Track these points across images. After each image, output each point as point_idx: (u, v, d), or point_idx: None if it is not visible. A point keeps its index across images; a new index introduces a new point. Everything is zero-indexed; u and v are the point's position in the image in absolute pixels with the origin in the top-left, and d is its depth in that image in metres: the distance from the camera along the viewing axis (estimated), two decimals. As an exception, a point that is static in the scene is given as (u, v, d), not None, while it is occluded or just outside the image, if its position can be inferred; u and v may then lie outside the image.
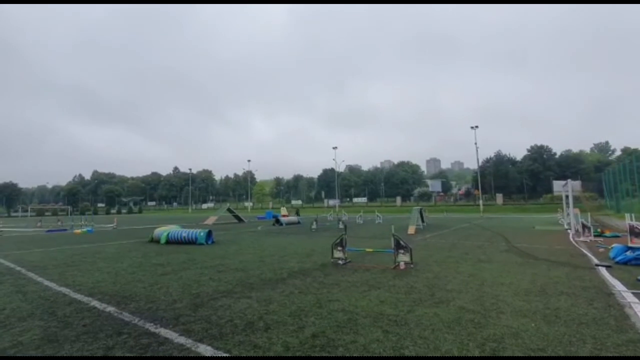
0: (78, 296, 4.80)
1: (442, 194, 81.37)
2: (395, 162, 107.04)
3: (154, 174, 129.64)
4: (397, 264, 6.45)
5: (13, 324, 3.67)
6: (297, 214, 22.00)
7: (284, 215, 23.13)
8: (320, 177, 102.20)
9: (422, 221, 18.02)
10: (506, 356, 2.47)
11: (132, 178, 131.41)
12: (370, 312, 3.83)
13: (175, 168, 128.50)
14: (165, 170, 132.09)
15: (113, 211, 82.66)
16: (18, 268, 7.17)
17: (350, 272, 6.18)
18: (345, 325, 3.45)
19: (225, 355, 2.82)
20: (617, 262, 6.70)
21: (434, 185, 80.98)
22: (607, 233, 12.29)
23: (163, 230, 12.14)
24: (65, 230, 20.07)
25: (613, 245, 7.90)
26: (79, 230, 18.44)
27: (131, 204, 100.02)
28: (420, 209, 18.24)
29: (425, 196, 78.85)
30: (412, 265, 6.43)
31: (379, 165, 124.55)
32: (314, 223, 17.95)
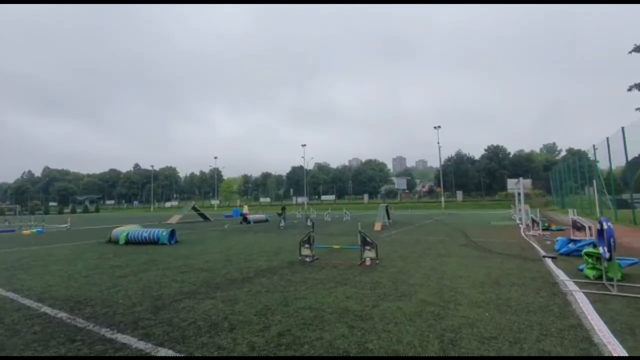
0: (27, 302, 4.46)
1: (407, 191, 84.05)
2: (363, 160, 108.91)
3: (113, 170, 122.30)
4: (363, 260, 6.59)
5: (-53, 335, 3.33)
6: (283, 211, 21.40)
7: (245, 214, 22.69)
8: (289, 174, 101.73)
9: (388, 218, 18.52)
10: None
11: (89, 175, 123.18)
12: (336, 308, 3.89)
13: (136, 165, 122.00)
14: (125, 167, 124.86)
15: (67, 210, 77.10)
16: (-47, 274, 6.50)
17: (317, 269, 6.23)
18: (312, 322, 3.48)
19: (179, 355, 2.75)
20: (561, 254, 7.30)
21: (400, 183, 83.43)
22: (553, 227, 13.34)
23: (122, 230, 11.53)
24: (13, 231, 18.46)
25: (558, 238, 8.58)
26: (28, 231, 17.05)
27: (87, 203, 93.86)
28: (387, 206, 18.73)
29: (392, 193, 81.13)
30: (377, 261, 6.60)
31: (347, 163, 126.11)
32: (282, 221, 17.86)
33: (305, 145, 65.04)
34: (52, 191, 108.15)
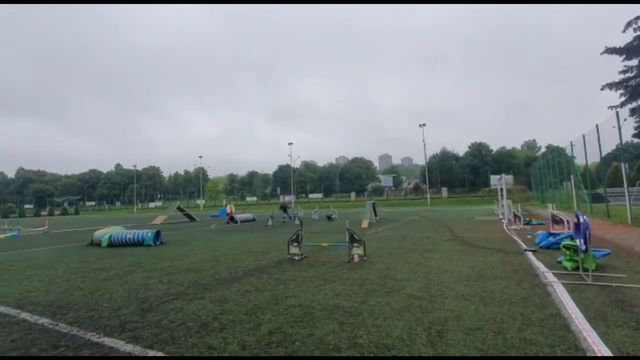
0: (3, 309, 4.29)
1: (393, 188, 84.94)
2: (350, 158, 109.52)
3: (93, 171, 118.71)
4: (351, 257, 6.65)
5: None
6: (285, 210, 20.82)
7: (229, 213, 22.18)
8: (275, 173, 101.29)
9: (375, 215, 18.71)
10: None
11: (67, 176, 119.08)
12: (326, 306, 3.93)
13: (118, 165, 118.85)
14: (106, 167, 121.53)
15: (44, 213, 74.40)
16: None
17: (306, 267, 6.25)
18: (302, 319, 3.50)
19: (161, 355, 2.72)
20: (541, 247, 7.55)
21: (386, 181, 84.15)
22: (534, 221, 13.76)
23: (104, 232, 11.24)
24: (-15, 236, 17.71)
25: (538, 232, 8.88)
26: (1, 235, 16.39)
27: (66, 205, 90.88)
28: (373, 204, 18.91)
29: (378, 191, 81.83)
30: (365, 258, 6.67)
31: (334, 162, 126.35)
32: (270, 220, 17.79)
33: (292, 143, 64.85)
34: (27, 193, 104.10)
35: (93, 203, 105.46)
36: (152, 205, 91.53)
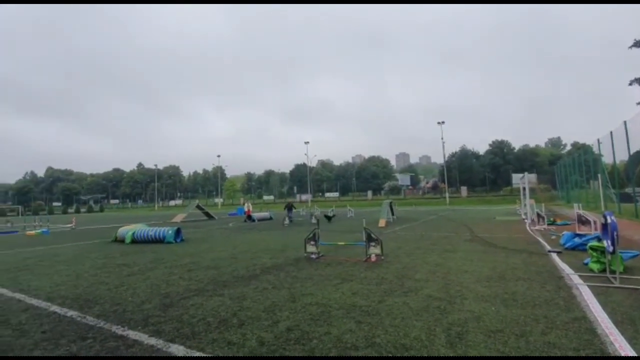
0: (35, 302, 4.51)
1: (411, 187, 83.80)
2: (366, 157, 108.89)
3: (116, 170, 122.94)
4: (368, 256, 6.62)
5: (-40, 334, 3.37)
6: (290, 210, 19.98)
7: (247, 212, 22.36)
8: (292, 172, 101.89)
9: (392, 214, 18.54)
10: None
11: (92, 175, 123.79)
12: (343, 304, 3.93)
13: (140, 164, 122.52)
14: (128, 166, 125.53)
15: (71, 210, 77.59)
16: (-37, 274, 6.58)
17: (323, 265, 6.27)
18: (319, 317, 3.51)
19: (202, 355, 2.79)
20: (566, 248, 7.29)
21: (403, 179, 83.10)
22: (559, 221, 13.29)
23: (128, 229, 11.62)
24: (16, 232, 18.65)
25: (563, 233, 8.57)
26: (32, 232, 17.20)
27: (91, 203, 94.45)
28: (390, 203, 18.74)
29: (395, 190, 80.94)
30: (382, 257, 6.63)
31: (350, 160, 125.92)
32: (286, 218, 17.91)
33: (308, 142, 64.98)
34: (55, 191, 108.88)
35: (117, 201, 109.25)
36: (172, 203, 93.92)
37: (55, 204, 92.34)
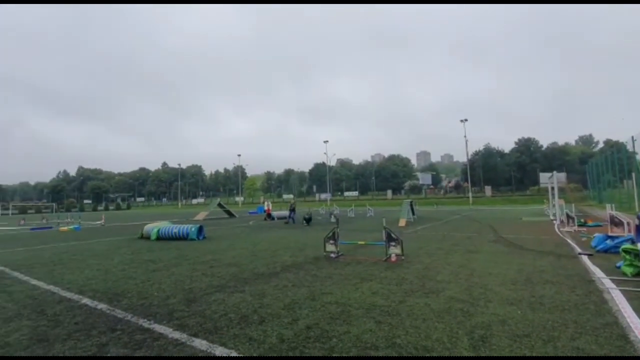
0: (68, 294, 4.75)
1: (432, 186, 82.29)
2: (386, 156, 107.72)
3: (142, 169, 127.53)
4: (388, 256, 6.56)
5: (-1, 324, 3.60)
6: (292, 210, 19.65)
7: (267, 210, 22.52)
8: (311, 171, 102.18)
9: (413, 214, 18.25)
10: (497, 356, 2.55)
11: (120, 174, 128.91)
12: (362, 304, 3.91)
13: (164, 163, 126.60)
14: (153, 165, 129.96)
15: (100, 208, 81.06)
16: (1, 268, 7.02)
17: (342, 265, 6.26)
18: (339, 316, 3.51)
19: (237, 355, 2.85)
20: (597, 251, 6.95)
21: (424, 178, 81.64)
22: (590, 223, 12.69)
23: (153, 227, 12.02)
24: (51, 227, 19.68)
25: (595, 235, 8.17)
26: (65, 228, 18.10)
27: (119, 200, 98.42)
28: (411, 202, 18.46)
29: (416, 189, 79.68)
30: (403, 257, 6.54)
31: (369, 159, 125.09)
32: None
33: (327, 141, 65.02)
34: (86, 189, 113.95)
35: (142, 199, 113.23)
36: (194, 201, 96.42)
37: (86, 201, 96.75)
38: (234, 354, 2.74)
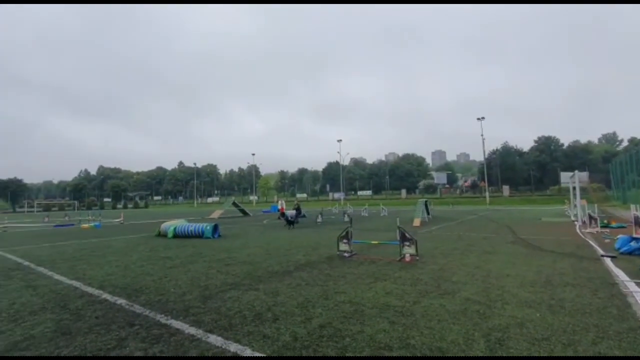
0: (89, 289, 4.90)
1: (447, 186, 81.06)
2: (400, 155, 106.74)
3: (159, 168, 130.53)
4: (402, 256, 6.49)
5: (24, 317, 3.74)
6: (298, 210, 19.19)
7: (281, 209, 22.62)
8: (325, 170, 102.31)
9: (428, 213, 18.03)
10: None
11: (138, 173, 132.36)
12: (376, 304, 3.89)
13: (180, 162, 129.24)
14: (170, 164, 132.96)
15: (119, 206, 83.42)
16: (26, 263, 7.30)
17: (356, 264, 6.24)
18: (352, 316, 3.50)
19: (261, 355, 2.89)
20: (621, 253, 6.69)
21: (440, 178, 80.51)
22: (613, 224, 12.23)
23: (170, 225, 12.28)
24: (73, 225, 20.37)
25: (618, 236, 7.86)
26: (86, 225, 18.71)
27: (137, 199, 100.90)
28: (426, 202, 18.24)
29: (431, 188, 78.64)
30: (417, 258, 6.47)
31: (383, 158, 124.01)
32: (319, 216, 18.02)
33: (341, 140, 64.92)
34: (106, 188, 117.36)
35: (160, 197, 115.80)
36: (209, 200, 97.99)
37: (105, 199, 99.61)
38: (248, 350, 2.77)
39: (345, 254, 7.01)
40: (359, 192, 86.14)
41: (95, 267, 6.64)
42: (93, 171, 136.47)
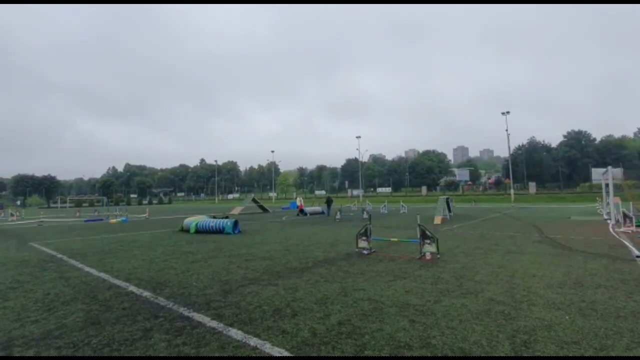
0: (117, 281, 5.11)
1: (470, 183, 78.87)
2: (420, 151, 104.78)
3: (182, 166, 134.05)
4: (423, 254, 6.38)
5: (57, 307, 3.94)
6: (330, 203, 21.81)
7: (299, 206, 23.14)
8: (343, 167, 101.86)
9: (449, 211, 17.62)
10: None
11: (162, 170, 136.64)
12: (396, 302, 3.83)
13: (202, 160, 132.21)
14: (192, 162, 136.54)
15: (145, 202, 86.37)
16: (60, 255, 7.69)
17: (375, 261, 6.18)
18: (371, 313, 3.47)
19: (289, 355, 2.92)
20: (661, 254, 6.30)
21: (461, 174, 78.43)
22: (651, 223, 11.52)
23: (192, 220, 12.60)
24: (102, 220, 21.25)
25: (657, 237, 7.41)
26: (114, 220, 19.46)
27: (161, 195, 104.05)
28: (447, 199, 17.83)
29: (452, 185, 76.86)
30: (438, 256, 6.34)
31: (403, 155, 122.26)
32: (338, 213, 17.98)
33: (360, 137, 64.38)
34: (132, 185, 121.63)
35: (182, 194, 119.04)
36: (230, 197, 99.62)
37: (132, 195, 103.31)
38: (267, 345, 2.79)
39: (364, 251, 6.96)
40: (378, 189, 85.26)
41: (122, 260, 6.90)
42: (120, 168, 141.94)
